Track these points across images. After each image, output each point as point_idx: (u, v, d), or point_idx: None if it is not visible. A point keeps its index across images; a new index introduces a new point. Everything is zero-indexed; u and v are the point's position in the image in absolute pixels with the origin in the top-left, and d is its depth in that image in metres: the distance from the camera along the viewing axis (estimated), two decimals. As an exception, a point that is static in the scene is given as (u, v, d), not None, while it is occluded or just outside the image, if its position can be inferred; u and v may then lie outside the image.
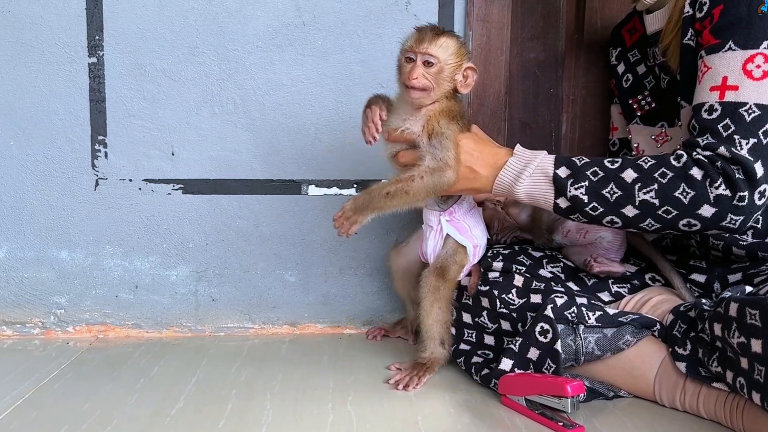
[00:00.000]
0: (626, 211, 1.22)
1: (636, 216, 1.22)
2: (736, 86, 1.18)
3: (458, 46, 1.31)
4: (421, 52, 1.28)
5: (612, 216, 1.24)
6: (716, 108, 1.19)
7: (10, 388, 1.34)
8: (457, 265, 1.41)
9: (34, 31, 1.64)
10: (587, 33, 1.77)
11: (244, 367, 1.47)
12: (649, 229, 1.23)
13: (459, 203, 1.43)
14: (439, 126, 1.30)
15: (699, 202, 1.17)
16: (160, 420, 1.20)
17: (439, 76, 1.29)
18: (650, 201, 1.20)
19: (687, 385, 1.21)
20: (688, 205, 1.18)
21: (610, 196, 1.23)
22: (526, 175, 1.28)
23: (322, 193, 1.71)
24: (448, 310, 1.41)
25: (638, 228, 1.24)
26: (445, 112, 1.32)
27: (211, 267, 1.72)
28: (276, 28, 1.67)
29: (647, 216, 1.21)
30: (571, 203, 1.25)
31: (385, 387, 1.36)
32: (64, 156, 1.67)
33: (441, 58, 1.29)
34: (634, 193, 1.21)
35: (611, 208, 1.23)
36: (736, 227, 1.18)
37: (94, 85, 1.66)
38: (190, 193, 1.70)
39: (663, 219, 1.21)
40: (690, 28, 1.27)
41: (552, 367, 1.25)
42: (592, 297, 1.36)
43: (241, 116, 1.69)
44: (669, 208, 1.19)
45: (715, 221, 1.18)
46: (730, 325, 1.09)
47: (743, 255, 1.32)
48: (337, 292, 1.74)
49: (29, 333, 1.70)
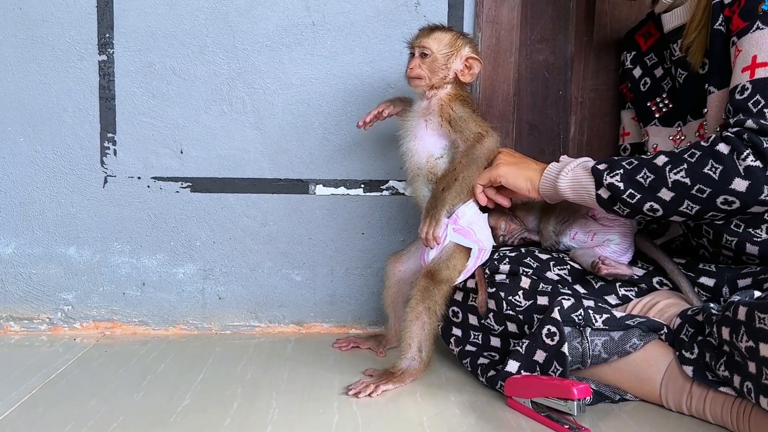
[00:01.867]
0: (662, 195, 1.22)
1: (673, 199, 1.21)
2: (765, 63, 1.19)
3: (453, 37, 1.43)
4: (417, 45, 1.43)
5: (651, 202, 1.24)
6: (747, 87, 1.20)
7: (17, 384, 1.35)
8: (451, 268, 1.39)
9: (44, 28, 1.65)
10: (597, 35, 1.77)
11: (250, 365, 1.47)
12: (692, 214, 1.22)
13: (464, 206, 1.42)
14: (453, 111, 1.40)
15: (729, 176, 1.16)
16: (166, 417, 1.20)
17: (434, 65, 1.41)
18: (681, 181, 1.20)
19: (694, 389, 1.20)
20: (718, 180, 1.17)
21: (644, 181, 1.24)
22: (568, 169, 1.33)
23: (329, 192, 1.72)
24: (433, 314, 1.37)
25: (683, 215, 1.23)
26: (454, 97, 1.42)
27: (218, 265, 1.72)
28: (285, 27, 1.67)
29: (683, 198, 1.20)
30: (610, 192, 1.27)
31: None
32: (73, 153, 1.68)
33: (434, 49, 1.41)
34: (666, 175, 1.21)
35: (647, 193, 1.23)
36: None
37: (104, 82, 1.66)
38: (198, 191, 1.70)
39: (699, 199, 1.19)
40: (720, 14, 1.28)
41: (559, 369, 1.25)
42: (599, 300, 1.36)
43: (249, 115, 1.69)
44: (701, 186, 1.19)
45: (753, 195, 1.16)
46: (738, 328, 1.09)
47: (756, 254, 1.31)
48: (343, 291, 1.74)
49: (36, 329, 1.71)
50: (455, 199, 1.40)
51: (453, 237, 1.40)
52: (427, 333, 1.37)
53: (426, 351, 1.38)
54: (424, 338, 1.37)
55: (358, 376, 1.40)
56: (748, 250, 1.31)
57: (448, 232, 1.40)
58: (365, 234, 1.73)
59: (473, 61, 1.43)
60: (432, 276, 1.38)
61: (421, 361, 1.37)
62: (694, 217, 1.24)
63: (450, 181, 1.39)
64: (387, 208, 1.72)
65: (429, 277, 1.37)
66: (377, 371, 1.40)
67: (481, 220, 1.45)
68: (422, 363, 1.38)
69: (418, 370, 1.38)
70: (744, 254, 1.32)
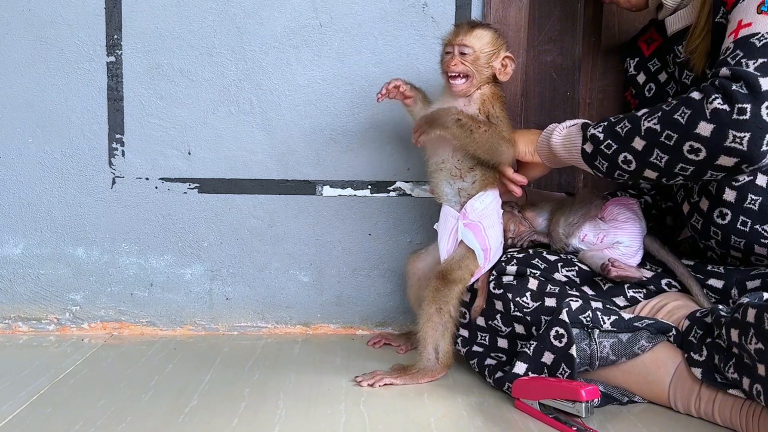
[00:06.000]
0: (635, 144, 1.23)
1: (644, 148, 1.22)
2: (749, 23, 1.18)
3: (493, 36, 1.40)
4: (457, 44, 1.38)
5: (625, 152, 1.24)
6: (730, 46, 1.19)
7: (25, 384, 1.35)
8: (464, 269, 1.39)
9: (53, 29, 1.65)
10: (605, 37, 1.76)
11: (257, 366, 1.48)
12: (662, 167, 1.21)
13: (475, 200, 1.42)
14: (494, 109, 1.39)
15: (696, 120, 1.14)
16: (173, 418, 1.21)
17: (477, 63, 1.37)
18: (653, 128, 1.20)
19: (702, 391, 1.20)
20: (685, 125, 1.16)
21: (621, 131, 1.25)
22: (563, 127, 1.38)
23: (336, 193, 1.72)
24: (446, 314, 1.37)
25: (654, 168, 1.22)
26: (497, 96, 1.41)
27: (226, 266, 1.72)
28: (293, 29, 1.68)
29: (654, 146, 1.20)
30: (592, 144, 1.29)
31: (398, 388, 1.36)
32: (82, 154, 1.68)
33: (476, 47, 1.37)
34: (640, 124, 1.22)
35: (622, 142, 1.25)
36: (746, 148, 1.11)
37: (112, 83, 1.67)
38: (206, 192, 1.70)
39: (667, 147, 1.19)
40: (721, 7, 1.27)
41: (567, 371, 1.25)
42: (607, 301, 1.35)
43: (257, 116, 1.69)
44: (670, 132, 1.18)
45: (717, 140, 1.13)
46: (747, 331, 1.08)
47: (765, 254, 1.30)
48: (350, 292, 1.74)
49: (44, 329, 1.71)
50: (453, 137, 1.36)
51: (463, 233, 1.40)
52: (440, 334, 1.37)
53: (443, 352, 1.38)
54: (439, 339, 1.37)
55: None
56: (757, 251, 1.31)
57: (458, 227, 1.40)
58: (372, 235, 1.73)
59: (509, 60, 1.41)
60: (444, 277, 1.38)
61: (437, 362, 1.37)
62: (664, 172, 1.22)
63: (467, 123, 1.35)
64: (394, 209, 1.72)
65: (440, 278, 1.38)
66: (397, 365, 1.42)
67: (492, 216, 1.43)
68: (439, 364, 1.38)
69: (434, 371, 1.38)
70: (753, 254, 1.32)
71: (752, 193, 1.28)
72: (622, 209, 1.44)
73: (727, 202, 1.30)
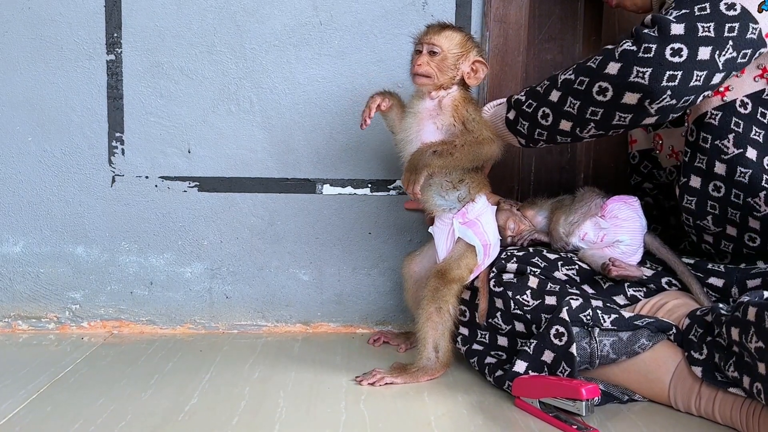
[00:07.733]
0: (552, 97, 1.28)
1: (560, 99, 1.27)
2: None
3: (463, 38, 1.41)
4: (427, 42, 1.39)
5: (543, 107, 1.30)
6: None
7: (25, 383, 1.35)
8: (462, 267, 1.39)
9: (53, 28, 1.65)
10: (605, 36, 1.76)
11: (257, 364, 1.48)
12: (575, 114, 1.25)
13: (472, 203, 1.42)
14: (468, 113, 1.39)
15: (606, 62, 1.21)
16: (173, 416, 1.20)
17: (443, 64, 1.38)
18: (568, 78, 1.26)
19: (702, 389, 1.20)
20: (596, 68, 1.22)
21: (541, 89, 1.31)
22: (494, 103, 1.45)
23: (336, 192, 1.72)
24: (445, 314, 1.37)
25: (568, 117, 1.27)
26: (468, 100, 1.41)
27: (226, 264, 1.72)
28: (293, 27, 1.67)
29: (568, 95, 1.25)
30: (515, 110, 1.35)
31: (398, 387, 1.36)
32: (82, 152, 1.68)
33: (444, 47, 1.39)
34: (558, 78, 1.28)
35: (541, 98, 1.30)
36: (647, 82, 1.17)
37: (112, 82, 1.67)
38: (206, 190, 1.70)
39: (579, 92, 1.24)
40: None
41: (567, 370, 1.25)
42: (607, 300, 1.35)
43: (257, 115, 1.69)
44: (582, 78, 1.24)
45: (623, 76, 1.18)
46: (747, 329, 1.08)
47: (758, 228, 1.31)
48: (350, 291, 1.74)
49: (44, 328, 1.71)
50: (439, 169, 1.36)
51: (461, 231, 1.40)
52: (440, 333, 1.37)
53: (443, 351, 1.38)
54: (439, 338, 1.37)
55: (366, 376, 1.41)
56: (751, 225, 1.32)
57: (455, 226, 1.41)
58: (372, 233, 1.73)
59: (480, 65, 1.41)
60: (442, 275, 1.38)
61: (437, 361, 1.38)
62: (577, 120, 1.26)
63: (444, 150, 1.35)
64: (394, 207, 1.72)
65: (439, 277, 1.38)
66: (396, 364, 1.41)
67: (488, 213, 1.45)
68: (439, 363, 1.38)
69: (434, 369, 1.38)
70: (747, 231, 1.34)
71: (741, 166, 1.29)
72: (622, 208, 1.44)
73: (719, 175, 1.32)
